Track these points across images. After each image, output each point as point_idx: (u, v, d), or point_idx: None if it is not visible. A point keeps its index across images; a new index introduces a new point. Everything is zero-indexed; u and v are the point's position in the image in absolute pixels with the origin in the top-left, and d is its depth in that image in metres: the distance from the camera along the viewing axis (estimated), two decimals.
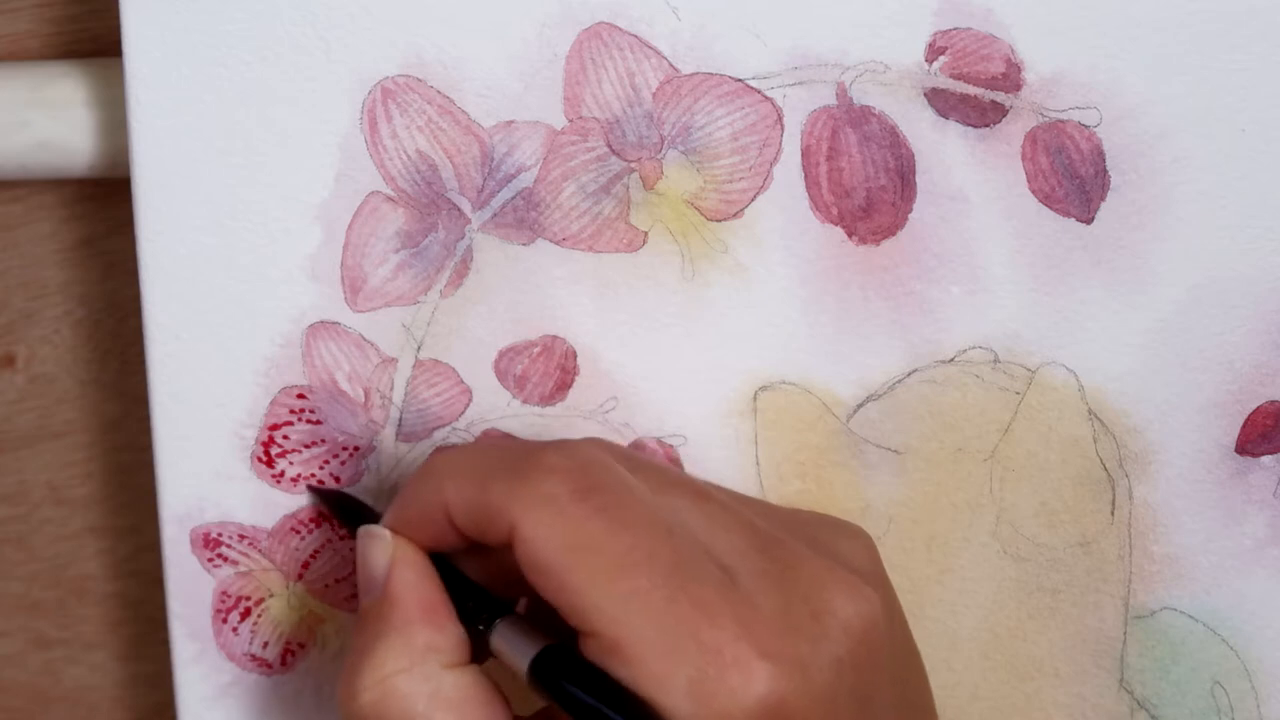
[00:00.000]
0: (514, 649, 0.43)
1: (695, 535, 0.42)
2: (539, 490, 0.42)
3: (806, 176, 0.48)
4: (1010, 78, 0.48)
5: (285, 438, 0.49)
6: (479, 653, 0.44)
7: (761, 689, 0.40)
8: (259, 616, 0.50)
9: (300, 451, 0.49)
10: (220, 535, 0.50)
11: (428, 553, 0.45)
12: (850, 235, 0.49)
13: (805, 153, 0.48)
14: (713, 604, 0.41)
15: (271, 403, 0.49)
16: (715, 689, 0.40)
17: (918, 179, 0.48)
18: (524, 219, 0.48)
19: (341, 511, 0.49)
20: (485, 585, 0.45)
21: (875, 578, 0.45)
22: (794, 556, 0.43)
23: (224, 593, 0.50)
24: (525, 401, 0.49)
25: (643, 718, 0.40)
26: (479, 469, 0.43)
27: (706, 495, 0.44)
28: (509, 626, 0.43)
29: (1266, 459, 0.51)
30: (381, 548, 0.44)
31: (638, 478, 0.43)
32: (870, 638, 0.42)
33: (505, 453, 0.44)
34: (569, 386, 0.49)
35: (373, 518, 0.46)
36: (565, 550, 0.41)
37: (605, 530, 0.41)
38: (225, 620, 0.50)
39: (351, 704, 0.43)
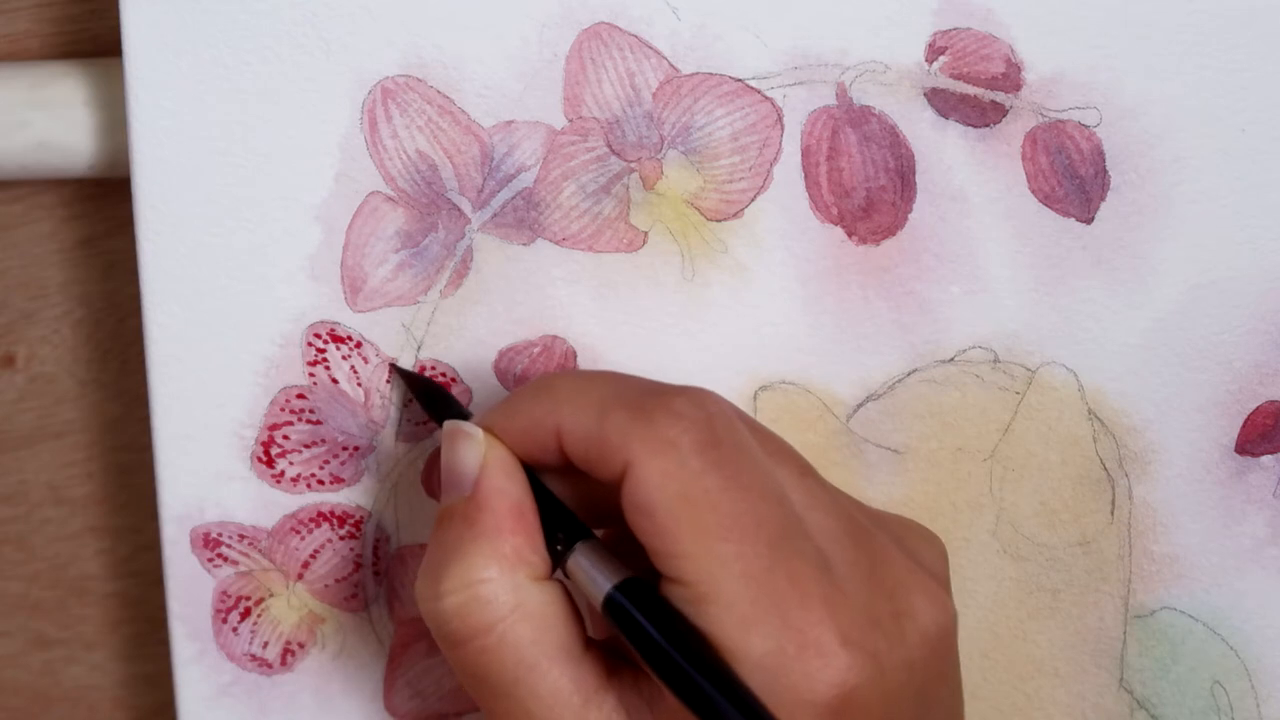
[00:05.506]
0: (590, 575, 0.42)
1: (797, 510, 0.42)
2: (662, 433, 0.41)
3: (806, 176, 0.48)
4: (1010, 78, 0.48)
5: (285, 438, 0.49)
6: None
7: (836, 677, 0.40)
8: (259, 616, 0.50)
9: (300, 451, 0.49)
10: (220, 535, 0.50)
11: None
12: (850, 235, 0.49)
13: (805, 153, 0.48)
14: (806, 583, 0.40)
15: (271, 403, 0.49)
16: (791, 667, 0.40)
17: (918, 179, 0.48)
18: (524, 219, 0.48)
19: (426, 399, 0.48)
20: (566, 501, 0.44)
21: (947, 586, 0.44)
22: (883, 551, 0.43)
23: (224, 593, 0.50)
24: None
25: (715, 672, 0.40)
26: (600, 399, 0.42)
27: (809, 472, 0.44)
28: (589, 551, 0.43)
29: (1266, 459, 0.51)
30: (472, 447, 0.44)
31: (755, 439, 0.43)
32: (942, 646, 0.42)
33: (628, 386, 0.43)
34: None
35: (459, 414, 0.46)
36: (678, 499, 0.41)
37: (721, 487, 0.41)
38: (225, 620, 0.50)
39: (435, 603, 0.42)
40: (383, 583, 0.50)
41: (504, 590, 0.42)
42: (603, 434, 0.42)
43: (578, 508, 0.44)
